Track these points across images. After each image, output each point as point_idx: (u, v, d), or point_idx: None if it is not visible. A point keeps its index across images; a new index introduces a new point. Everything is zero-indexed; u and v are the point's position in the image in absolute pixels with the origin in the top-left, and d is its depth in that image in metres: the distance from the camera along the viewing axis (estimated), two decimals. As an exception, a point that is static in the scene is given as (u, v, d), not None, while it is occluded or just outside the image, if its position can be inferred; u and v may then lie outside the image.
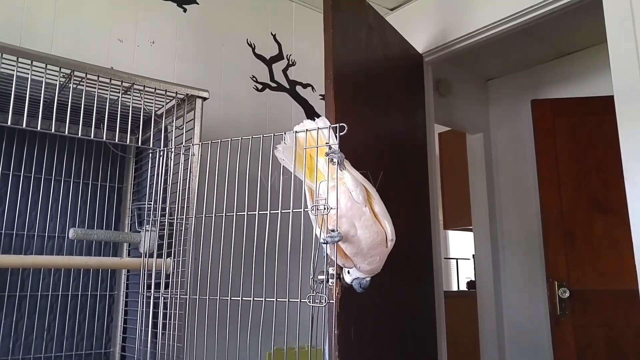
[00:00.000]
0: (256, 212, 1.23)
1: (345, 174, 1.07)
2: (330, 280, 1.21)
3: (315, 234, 1.12)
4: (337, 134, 1.09)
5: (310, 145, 1.10)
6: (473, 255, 3.50)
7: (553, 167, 2.69)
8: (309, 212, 1.11)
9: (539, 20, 2.15)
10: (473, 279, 3.92)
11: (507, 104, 3.46)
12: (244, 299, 1.20)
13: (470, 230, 3.57)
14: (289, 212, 1.19)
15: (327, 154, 1.07)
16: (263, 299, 1.19)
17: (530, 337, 3.11)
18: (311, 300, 1.17)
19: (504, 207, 3.37)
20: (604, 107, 2.12)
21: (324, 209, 1.08)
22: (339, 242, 1.06)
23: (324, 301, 1.10)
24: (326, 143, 1.09)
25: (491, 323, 3.23)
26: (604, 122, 2.57)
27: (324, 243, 1.07)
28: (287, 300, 1.17)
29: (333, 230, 1.06)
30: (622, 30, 1.75)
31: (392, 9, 2.71)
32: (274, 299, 1.18)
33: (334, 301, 1.10)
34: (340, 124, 1.08)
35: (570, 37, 2.98)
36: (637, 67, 1.69)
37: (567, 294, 2.52)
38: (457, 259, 5.56)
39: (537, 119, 2.78)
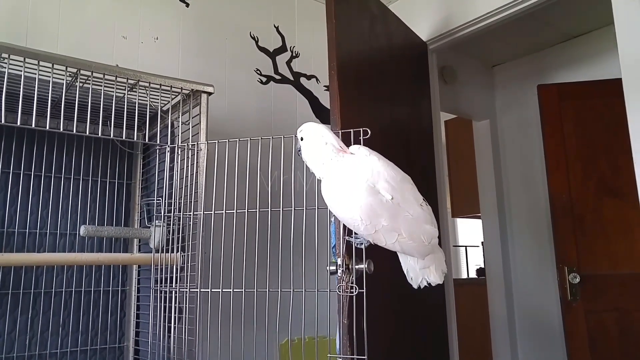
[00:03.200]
0: (269, 209, 1.25)
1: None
2: (339, 270, 1.22)
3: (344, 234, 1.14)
4: (361, 138, 1.12)
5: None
6: (482, 242, 3.49)
7: (561, 152, 2.67)
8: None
9: (544, 4, 2.12)
10: (482, 266, 3.92)
11: (513, 90, 3.43)
12: (259, 290, 1.21)
13: (479, 217, 3.56)
14: (303, 209, 1.21)
15: None
16: (279, 290, 1.21)
17: (541, 323, 3.11)
18: (341, 290, 1.18)
19: (512, 193, 3.35)
20: (612, 90, 2.10)
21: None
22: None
23: (355, 290, 1.12)
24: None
25: (502, 310, 3.23)
26: (611, 106, 2.54)
27: (360, 244, 1.11)
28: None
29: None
30: (630, 11, 1.72)
31: (394, -3, 2.68)
32: (291, 290, 1.19)
33: (364, 290, 1.12)
34: (364, 129, 1.11)
35: (576, 20, 2.93)
36: (644, 49, 1.67)
37: (578, 279, 2.51)
38: (466, 246, 5.56)
39: (543, 104, 2.75)
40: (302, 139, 1.13)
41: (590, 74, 2.95)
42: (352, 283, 1.20)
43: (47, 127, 1.33)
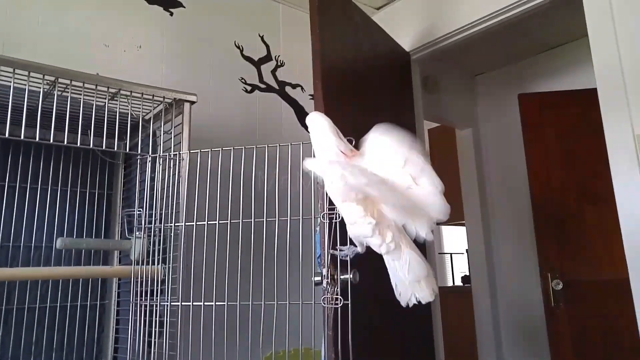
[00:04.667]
0: (252, 220, 1.23)
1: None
2: (324, 281, 1.21)
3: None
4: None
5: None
6: (467, 249, 3.51)
7: (542, 160, 2.70)
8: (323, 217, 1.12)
9: (523, 16, 2.16)
10: (468, 273, 3.94)
11: (494, 99, 3.48)
12: (242, 303, 1.19)
13: (463, 224, 3.58)
14: (287, 219, 1.19)
15: None
16: (262, 303, 1.18)
17: (526, 329, 3.13)
18: (326, 302, 1.16)
19: (496, 200, 3.38)
20: (589, 99, 2.14)
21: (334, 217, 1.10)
22: None
23: (339, 302, 1.10)
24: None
25: (487, 316, 3.25)
26: (590, 114, 2.58)
27: (345, 256, 1.09)
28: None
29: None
30: (602, 25, 1.76)
31: (378, 8, 2.70)
32: (274, 302, 1.17)
33: (349, 302, 1.10)
34: (348, 138, 1.11)
35: (554, 31, 3.00)
36: (617, 60, 1.70)
37: (560, 286, 2.54)
38: (451, 253, 5.59)
39: (524, 113, 2.79)
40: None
41: (568, 83, 3.01)
42: (337, 294, 1.18)
43: (22, 137, 1.29)
